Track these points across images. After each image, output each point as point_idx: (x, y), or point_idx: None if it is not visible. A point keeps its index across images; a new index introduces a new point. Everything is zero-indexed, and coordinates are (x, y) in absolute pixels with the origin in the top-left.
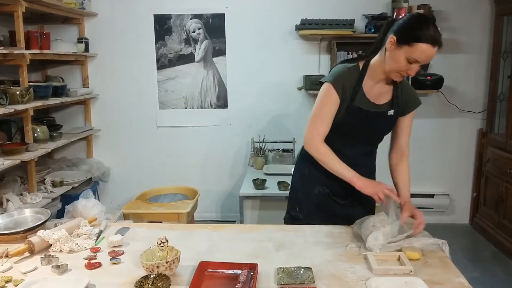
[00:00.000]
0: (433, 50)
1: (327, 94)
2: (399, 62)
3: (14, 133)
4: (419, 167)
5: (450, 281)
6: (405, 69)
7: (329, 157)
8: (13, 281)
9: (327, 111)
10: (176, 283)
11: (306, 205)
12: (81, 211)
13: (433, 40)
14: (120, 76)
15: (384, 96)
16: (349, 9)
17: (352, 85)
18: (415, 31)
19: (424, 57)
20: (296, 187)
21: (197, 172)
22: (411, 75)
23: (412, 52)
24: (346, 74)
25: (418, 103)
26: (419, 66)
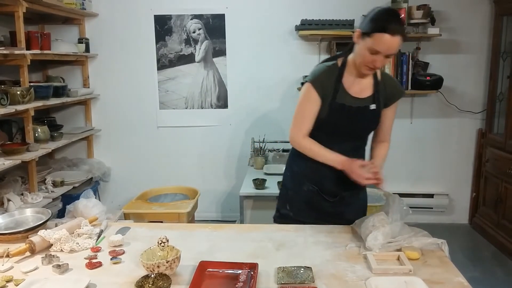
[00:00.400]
0: (392, 39)
1: (307, 93)
2: (364, 55)
3: (15, 133)
4: (418, 167)
5: (449, 280)
6: (370, 60)
7: (313, 148)
8: (14, 280)
9: (308, 110)
10: (177, 283)
11: (296, 202)
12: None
13: (391, 29)
14: (120, 76)
15: (366, 91)
16: (349, 10)
17: (333, 83)
18: (375, 22)
19: (384, 47)
20: (287, 185)
21: (197, 172)
22: (377, 68)
23: (372, 42)
24: (325, 72)
25: (401, 94)
26: (385, 58)
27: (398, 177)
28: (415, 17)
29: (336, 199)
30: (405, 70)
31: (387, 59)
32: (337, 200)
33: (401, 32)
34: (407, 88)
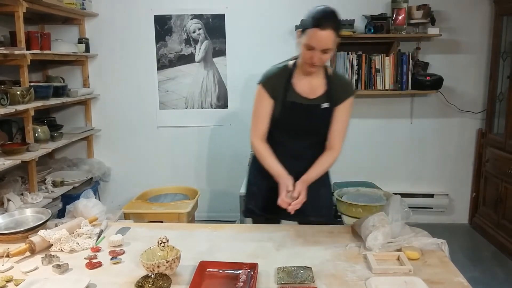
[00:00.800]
0: (323, 33)
1: (259, 95)
2: (303, 52)
3: (15, 133)
4: (418, 167)
5: (449, 280)
6: (308, 57)
7: (262, 154)
8: (14, 280)
9: (261, 110)
10: (177, 283)
11: (260, 198)
12: (82, 211)
13: (321, 24)
14: (120, 76)
15: (317, 90)
16: (348, 10)
17: (283, 83)
18: (308, 19)
19: (315, 41)
20: (251, 181)
21: (197, 172)
22: (316, 63)
23: (306, 39)
24: (275, 73)
25: (350, 93)
26: (322, 54)
27: (398, 177)
28: (415, 17)
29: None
30: (405, 70)
31: (325, 55)
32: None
33: (332, 26)
34: (407, 88)
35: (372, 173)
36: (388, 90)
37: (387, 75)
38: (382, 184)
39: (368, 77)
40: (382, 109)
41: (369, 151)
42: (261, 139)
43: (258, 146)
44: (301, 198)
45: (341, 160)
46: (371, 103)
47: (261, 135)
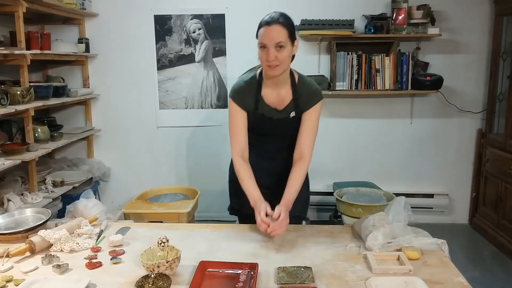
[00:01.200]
0: (269, 28)
1: (231, 109)
2: (259, 55)
3: (15, 133)
4: (418, 167)
5: (449, 280)
6: (264, 57)
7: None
8: (14, 280)
9: (236, 125)
10: (177, 283)
11: (239, 195)
12: (82, 211)
13: (267, 21)
14: (120, 76)
15: (285, 99)
16: (349, 10)
17: (253, 95)
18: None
19: (266, 38)
20: (231, 178)
21: (197, 172)
22: (271, 61)
23: (258, 40)
24: (243, 86)
25: (315, 100)
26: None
27: (398, 177)
28: (415, 17)
29: (270, 192)
30: (405, 70)
31: (281, 53)
32: (271, 192)
33: (279, 22)
34: (407, 88)
35: (372, 173)
36: (388, 90)
37: (387, 75)
38: (382, 184)
39: (368, 77)
40: (382, 109)
41: (369, 151)
42: (241, 155)
43: (239, 166)
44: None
45: (341, 160)
46: (371, 103)
47: (241, 150)
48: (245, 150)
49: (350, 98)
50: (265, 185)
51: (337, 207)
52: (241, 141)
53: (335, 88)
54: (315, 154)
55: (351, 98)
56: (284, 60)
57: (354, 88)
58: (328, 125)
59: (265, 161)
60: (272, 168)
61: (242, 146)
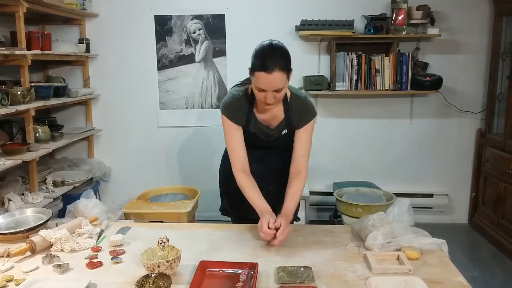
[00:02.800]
0: (270, 76)
1: (225, 125)
2: (255, 92)
3: (15, 133)
4: (418, 167)
5: (449, 280)
6: (262, 97)
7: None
8: (14, 280)
9: (233, 141)
10: (177, 282)
11: (230, 197)
12: (82, 211)
13: (266, 67)
14: (121, 76)
15: (277, 117)
16: (348, 10)
17: (245, 112)
18: (253, 61)
19: (264, 84)
20: (221, 180)
21: (197, 172)
22: (270, 104)
23: (255, 80)
24: (235, 103)
25: (309, 117)
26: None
27: (398, 177)
28: (414, 17)
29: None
30: (404, 70)
31: (279, 94)
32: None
33: (279, 67)
34: (407, 88)
35: (372, 173)
36: (387, 90)
37: (387, 75)
38: (382, 184)
39: (367, 77)
40: (382, 109)
41: (369, 151)
42: (242, 170)
43: (241, 180)
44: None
45: (341, 160)
46: (370, 103)
47: (241, 165)
48: (245, 164)
49: (350, 98)
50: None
51: (337, 207)
52: (240, 156)
53: (335, 88)
54: (315, 154)
55: (351, 98)
56: (281, 98)
57: (354, 88)
58: (328, 125)
59: (255, 164)
60: (262, 171)
61: (242, 160)
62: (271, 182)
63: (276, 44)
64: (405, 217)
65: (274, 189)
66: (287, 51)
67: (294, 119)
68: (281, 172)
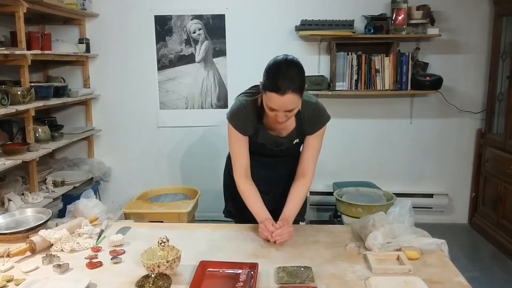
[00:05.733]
0: (282, 98)
1: (231, 133)
2: (266, 109)
3: (15, 133)
4: (418, 167)
5: (449, 280)
6: (273, 115)
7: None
8: (14, 280)
9: (236, 147)
10: (177, 282)
11: (235, 200)
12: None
13: (279, 88)
14: (121, 76)
15: (288, 126)
16: (348, 10)
17: (253, 122)
18: (266, 80)
19: (276, 105)
20: (226, 183)
21: (197, 172)
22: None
23: (267, 100)
24: (243, 111)
25: (321, 124)
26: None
27: (398, 177)
28: (414, 18)
29: (269, 197)
30: (404, 70)
31: (291, 113)
32: (270, 197)
33: (292, 89)
34: (407, 88)
35: (372, 173)
36: (387, 90)
37: (387, 75)
38: (382, 184)
39: (367, 77)
40: (382, 109)
41: (369, 151)
42: (245, 177)
43: (242, 186)
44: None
45: (341, 160)
46: (370, 103)
47: (244, 172)
48: (247, 171)
49: (350, 98)
50: (264, 191)
51: (337, 207)
52: (243, 163)
53: (335, 88)
54: None
55: (351, 98)
56: (293, 115)
57: (354, 88)
58: (328, 125)
59: (261, 170)
60: (270, 177)
61: (245, 167)
62: (278, 186)
63: (290, 61)
64: (406, 218)
65: (280, 192)
66: (301, 69)
67: (305, 128)
68: (289, 176)
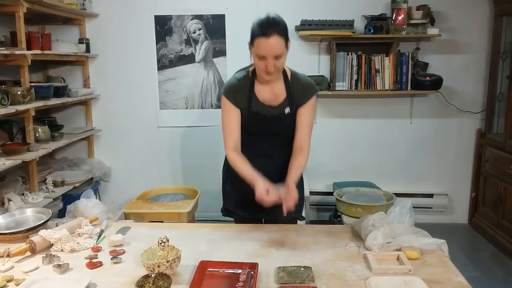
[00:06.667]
0: (269, 40)
1: (224, 107)
2: (256, 62)
3: (15, 133)
4: (418, 167)
5: (449, 280)
6: (263, 66)
7: (237, 164)
8: (14, 280)
9: (230, 122)
10: (177, 282)
11: (233, 197)
12: (82, 211)
13: (263, 32)
14: (121, 76)
15: (279, 96)
16: (348, 10)
17: (246, 93)
18: (252, 32)
19: (265, 50)
20: (224, 180)
21: (197, 172)
22: (271, 71)
23: (255, 49)
24: (236, 84)
25: (310, 94)
26: (274, 60)
27: (398, 177)
28: (414, 18)
29: None
30: (404, 70)
31: (279, 61)
32: None
33: (277, 32)
34: (407, 88)
35: (372, 173)
36: (387, 90)
37: (387, 76)
38: (381, 184)
39: (367, 77)
40: (382, 109)
41: (369, 151)
42: (234, 149)
43: (232, 157)
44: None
45: (341, 160)
46: (371, 103)
47: (233, 146)
48: (238, 145)
49: (350, 98)
50: None
51: (337, 207)
52: (234, 137)
53: (335, 88)
54: (315, 154)
55: (351, 98)
56: (281, 66)
57: (354, 88)
58: (328, 125)
59: (260, 160)
60: (268, 168)
61: (236, 141)
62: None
63: (273, 14)
64: (406, 218)
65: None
66: (283, 21)
67: (296, 96)
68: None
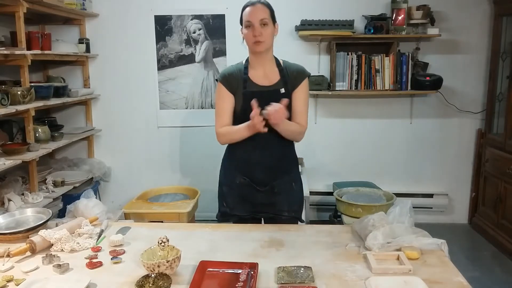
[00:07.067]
0: (253, 7)
1: (218, 91)
2: (245, 34)
3: (15, 133)
4: (418, 167)
5: (449, 280)
6: (251, 35)
7: (228, 130)
8: (14, 280)
9: (222, 105)
10: (177, 282)
11: (230, 197)
12: (82, 211)
13: (251, 2)
14: (121, 76)
15: (273, 78)
16: (348, 10)
17: (240, 76)
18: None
19: (251, 16)
20: (221, 181)
21: (197, 172)
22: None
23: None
24: (230, 69)
25: (303, 76)
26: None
27: (398, 177)
28: (414, 18)
29: (267, 188)
30: (404, 70)
31: (265, 29)
32: (268, 189)
33: (261, 2)
34: (407, 88)
35: (372, 173)
36: (387, 90)
37: (387, 75)
38: (381, 184)
39: (367, 77)
40: (382, 109)
41: (369, 151)
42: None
43: (222, 130)
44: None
45: (341, 160)
46: (370, 103)
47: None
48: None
49: (350, 98)
50: (257, 179)
51: (337, 207)
52: (225, 121)
53: (335, 88)
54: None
55: (351, 98)
56: (268, 37)
57: (354, 88)
58: (328, 125)
59: (256, 151)
60: (264, 159)
61: (226, 122)
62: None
63: None
64: (406, 218)
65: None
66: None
67: (290, 78)
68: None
